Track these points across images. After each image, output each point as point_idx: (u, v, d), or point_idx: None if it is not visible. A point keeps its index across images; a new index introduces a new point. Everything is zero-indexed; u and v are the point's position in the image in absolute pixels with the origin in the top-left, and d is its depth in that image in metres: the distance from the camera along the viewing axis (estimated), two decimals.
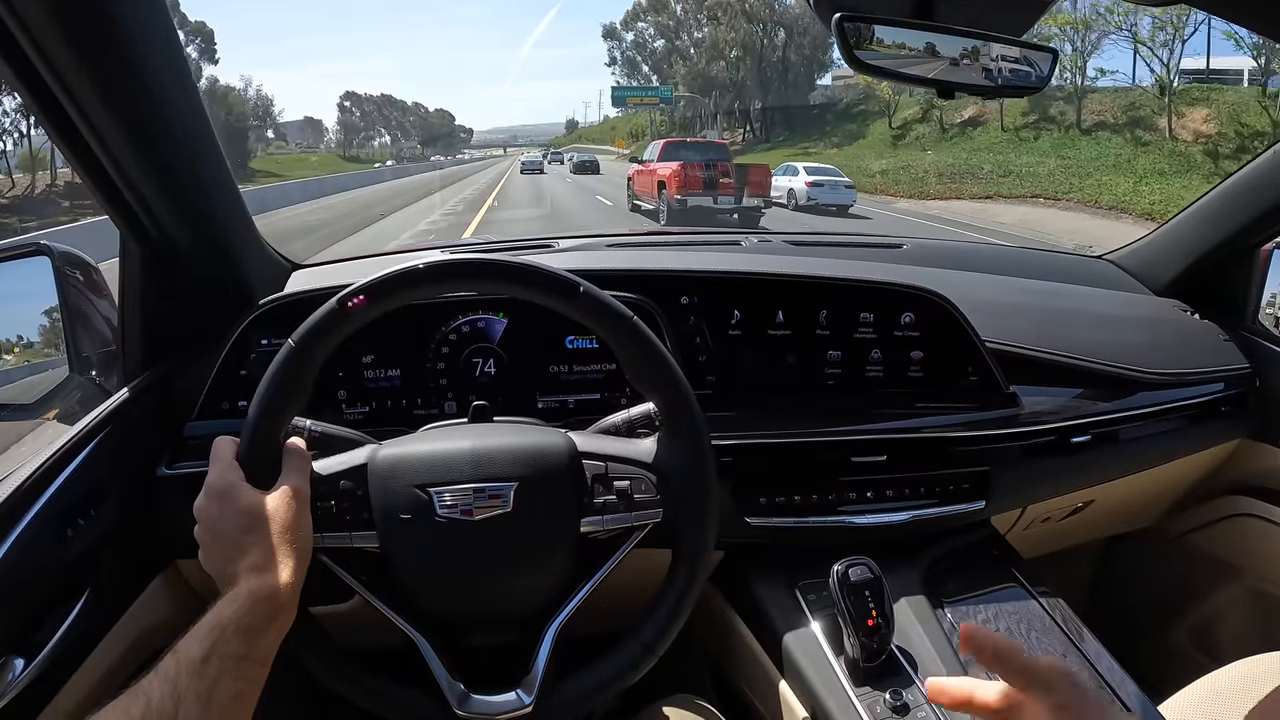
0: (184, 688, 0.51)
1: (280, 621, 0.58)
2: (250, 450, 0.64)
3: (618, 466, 0.69)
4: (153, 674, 0.52)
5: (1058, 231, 13.76)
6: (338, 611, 0.80)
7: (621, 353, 0.70)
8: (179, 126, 0.79)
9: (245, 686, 0.54)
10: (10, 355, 1.11)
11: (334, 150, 78.74)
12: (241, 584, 0.58)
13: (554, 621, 0.69)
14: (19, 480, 0.72)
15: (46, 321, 1.09)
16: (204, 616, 0.56)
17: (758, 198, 13.14)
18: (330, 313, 0.65)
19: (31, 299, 1.03)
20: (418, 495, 0.66)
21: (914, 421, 1.03)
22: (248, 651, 0.55)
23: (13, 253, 1.01)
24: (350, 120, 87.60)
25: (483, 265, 0.69)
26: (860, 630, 0.79)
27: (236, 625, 0.55)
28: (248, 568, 0.58)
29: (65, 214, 23.37)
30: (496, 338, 0.98)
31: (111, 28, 0.66)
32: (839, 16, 0.71)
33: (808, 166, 18.02)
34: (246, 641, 0.55)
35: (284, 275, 1.11)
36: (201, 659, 0.52)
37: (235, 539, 0.60)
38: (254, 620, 0.56)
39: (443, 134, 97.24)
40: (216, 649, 0.53)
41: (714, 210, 12.57)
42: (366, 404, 0.96)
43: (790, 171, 17.47)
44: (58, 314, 1.00)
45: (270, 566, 0.59)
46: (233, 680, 0.53)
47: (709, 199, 12.63)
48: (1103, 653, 0.88)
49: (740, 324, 1.02)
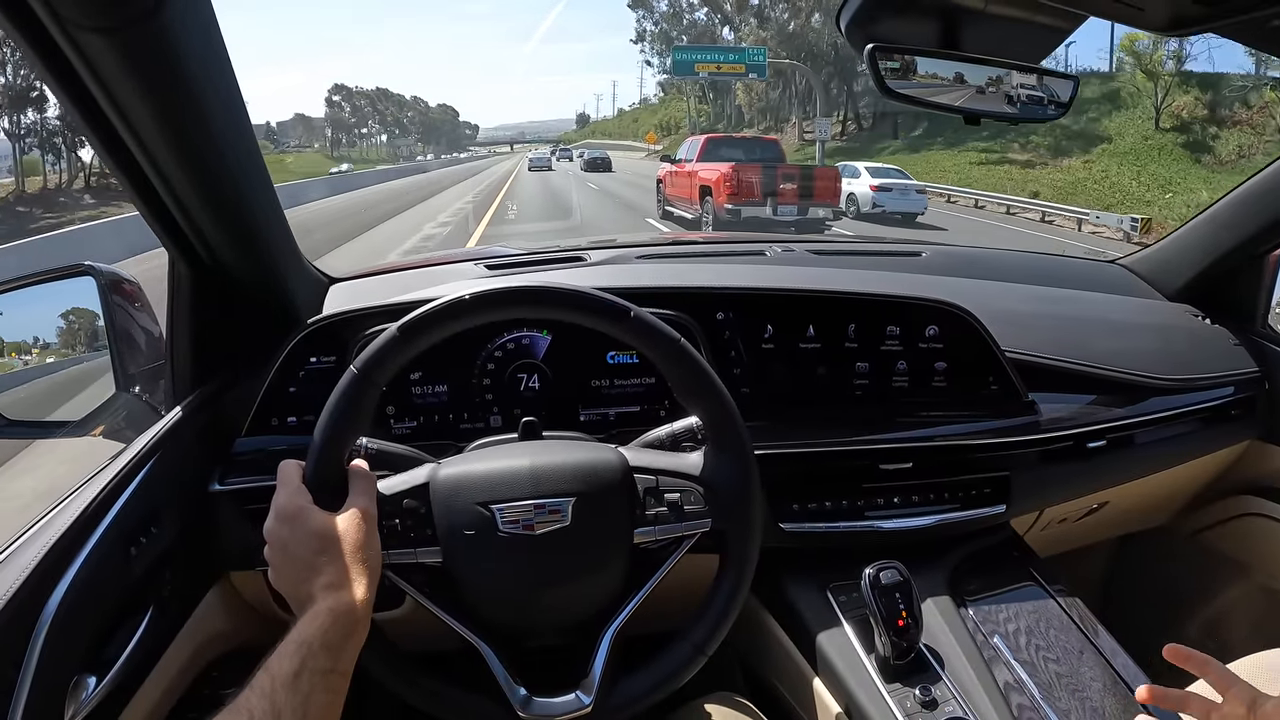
0: (281, 703, 0.54)
1: (358, 636, 0.61)
2: (317, 473, 0.67)
3: (668, 480, 0.73)
4: (248, 690, 0.55)
5: None
6: (390, 618, 0.84)
7: (669, 372, 0.73)
8: (231, 156, 0.80)
9: (333, 698, 0.58)
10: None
11: (321, 150, 74.02)
12: (320, 602, 0.60)
13: (610, 626, 0.72)
14: (83, 503, 0.74)
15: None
16: (289, 634, 0.59)
17: (824, 206, 11.09)
18: (391, 340, 0.68)
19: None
20: (480, 512, 0.69)
21: (938, 430, 1.06)
22: (334, 665, 0.58)
23: (60, 274, 1.04)
24: (339, 116, 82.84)
25: (539, 293, 0.72)
26: (891, 630, 0.83)
27: (321, 641, 0.58)
28: (324, 586, 0.61)
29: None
30: (541, 354, 1.01)
31: (175, 68, 0.67)
32: (871, 47, 0.74)
33: (871, 167, 15.49)
34: (331, 656, 0.58)
35: (323, 291, 1.13)
36: (294, 674, 0.55)
37: (309, 560, 0.63)
38: (336, 636, 0.59)
39: (445, 130, 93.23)
40: (306, 664, 0.56)
41: (771, 222, 10.56)
42: (415, 419, 0.99)
43: (850, 173, 14.40)
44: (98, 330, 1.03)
45: (345, 584, 0.61)
46: (323, 693, 0.56)
47: (766, 208, 10.54)
48: (1117, 649, 0.91)
49: (773, 338, 1.05)
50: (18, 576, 0.64)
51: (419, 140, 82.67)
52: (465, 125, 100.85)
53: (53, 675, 0.64)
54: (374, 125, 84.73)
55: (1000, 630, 0.92)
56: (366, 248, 12.13)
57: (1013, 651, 0.89)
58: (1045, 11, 0.78)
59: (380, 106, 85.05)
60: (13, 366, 1.12)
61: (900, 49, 0.75)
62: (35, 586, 0.65)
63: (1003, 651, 0.89)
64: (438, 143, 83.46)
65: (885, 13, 0.75)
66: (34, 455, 2.58)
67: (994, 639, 0.91)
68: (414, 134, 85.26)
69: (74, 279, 1.01)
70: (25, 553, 0.67)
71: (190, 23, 0.65)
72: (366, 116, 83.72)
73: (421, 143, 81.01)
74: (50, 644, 0.63)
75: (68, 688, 0.66)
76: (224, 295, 0.92)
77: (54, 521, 0.71)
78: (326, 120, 79.97)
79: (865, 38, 0.75)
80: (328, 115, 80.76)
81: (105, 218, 16.50)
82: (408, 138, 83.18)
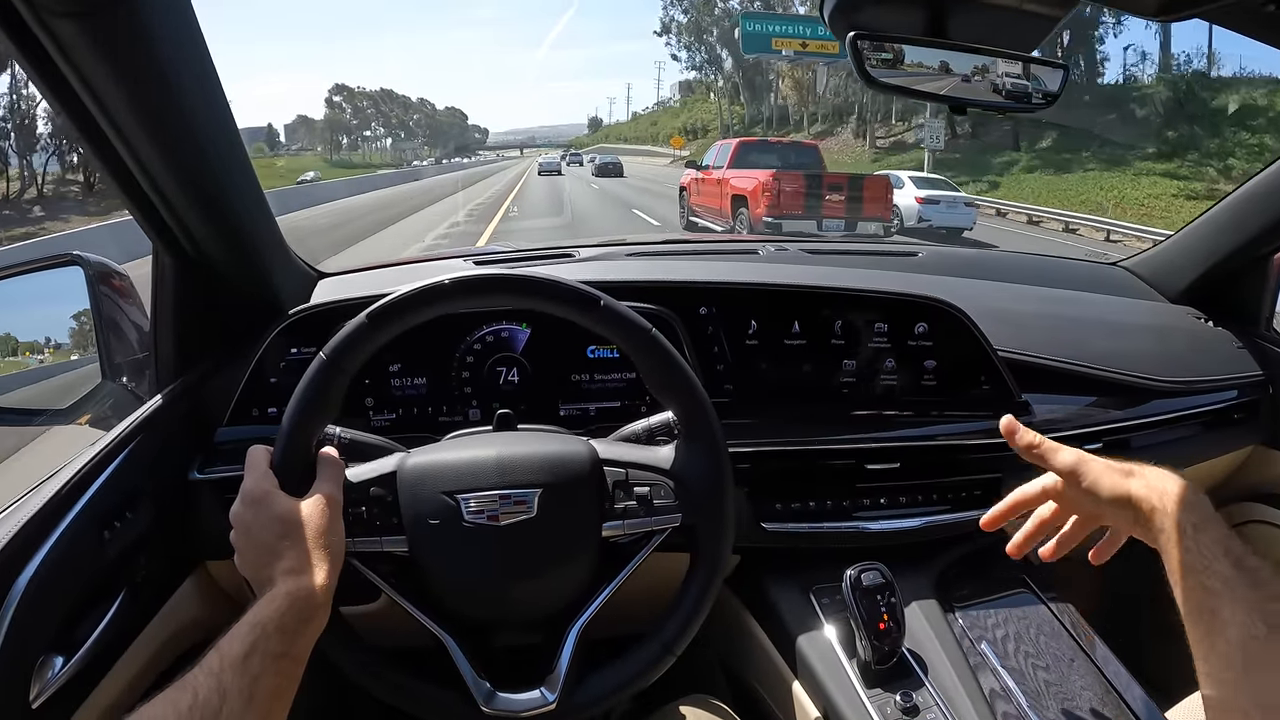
0: (228, 683, 0.53)
1: (316, 622, 0.61)
2: (284, 459, 0.67)
3: (638, 473, 0.72)
4: (197, 669, 0.54)
5: None
6: (365, 612, 0.83)
7: (641, 363, 0.72)
8: (212, 146, 0.81)
9: (284, 683, 0.57)
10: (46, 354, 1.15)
11: (323, 154, 71.42)
12: (279, 585, 0.60)
13: (576, 622, 0.71)
14: (59, 484, 0.74)
15: (75, 325, 1.13)
16: (244, 615, 0.58)
17: (875, 220, 9.86)
18: (359, 327, 0.67)
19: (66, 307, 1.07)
20: (446, 501, 0.68)
21: (927, 430, 1.04)
22: (287, 649, 0.57)
23: (47, 263, 1.04)
24: (339, 118, 79.80)
25: (507, 280, 0.71)
26: (872, 633, 0.81)
27: (276, 624, 0.57)
28: (284, 571, 0.61)
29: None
30: (520, 347, 1.01)
31: (148, 52, 0.67)
32: (853, 35, 0.73)
33: (917, 178, 13.82)
34: (285, 640, 0.57)
35: (311, 284, 1.13)
36: (244, 656, 0.54)
37: (271, 544, 0.62)
38: (291, 620, 0.58)
39: (453, 134, 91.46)
40: (258, 647, 0.55)
41: (818, 237, 8.64)
42: (393, 411, 0.99)
43: (894, 184, 12.06)
44: (86, 319, 1.04)
45: (305, 569, 0.61)
46: (273, 677, 0.55)
47: (811, 222, 9.36)
48: (1110, 657, 0.89)
49: (758, 334, 1.04)
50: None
51: (426, 143, 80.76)
52: (475, 129, 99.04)
53: (19, 652, 0.64)
54: (377, 127, 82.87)
55: (988, 636, 0.90)
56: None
57: (1000, 658, 0.87)
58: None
59: (384, 108, 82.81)
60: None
61: (884, 37, 0.74)
62: (5, 564, 0.65)
63: (990, 658, 0.87)
64: (444, 146, 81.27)
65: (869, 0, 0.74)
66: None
67: (981, 645, 0.89)
68: (420, 137, 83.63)
69: (61, 269, 1.02)
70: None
71: (162, 6, 0.65)
72: (369, 119, 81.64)
73: (429, 146, 79.01)
74: (17, 622, 0.63)
75: (34, 666, 0.66)
76: (208, 286, 0.93)
77: (28, 502, 0.72)
78: (325, 122, 77.93)
79: (848, 26, 0.73)
80: (326, 117, 78.74)
81: (50, 234, 15.82)
82: (414, 141, 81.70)
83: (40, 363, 1.14)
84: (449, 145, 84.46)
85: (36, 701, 0.65)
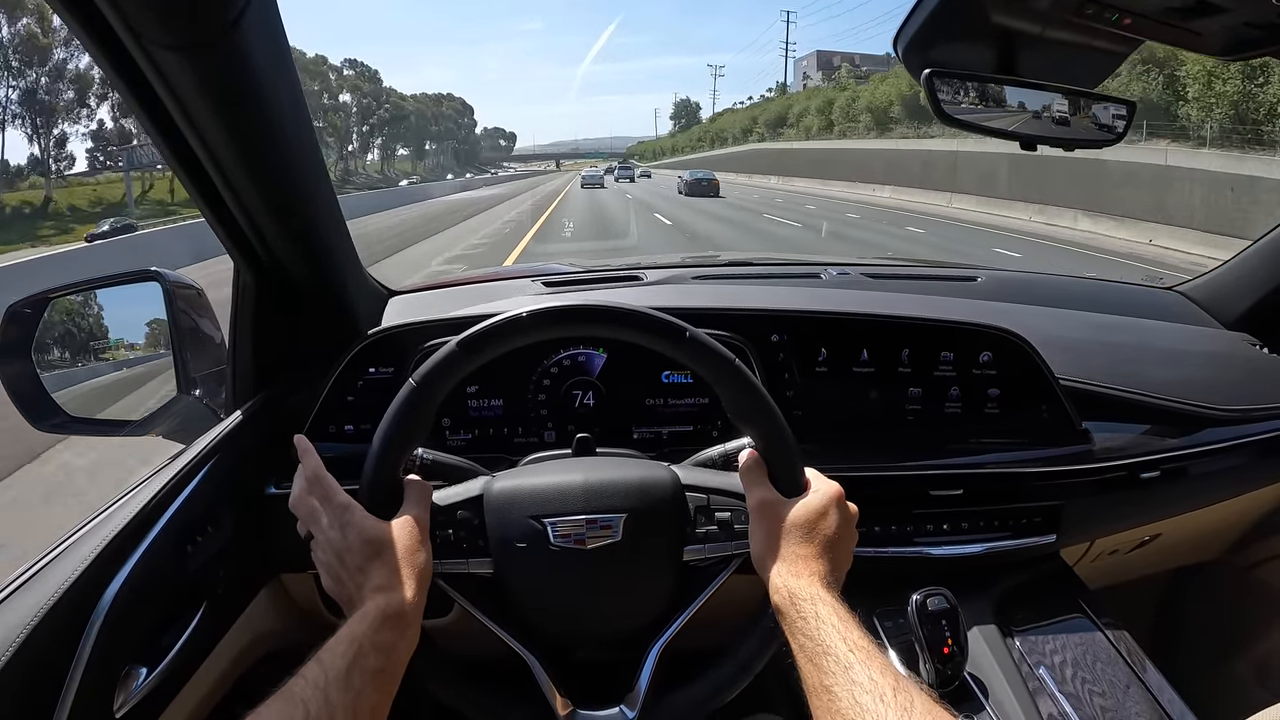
0: (335, 699, 0.54)
1: (408, 639, 0.63)
2: (374, 481, 0.69)
3: (719, 499, 0.73)
4: (300, 679, 0.55)
5: None
6: (436, 625, 0.85)
7: (723, 392, 0.73)
8: (299, 171, 0.83)
9: (383, 699, 0.59)
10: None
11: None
12: (370, 603, 0.62)
13: (657, 642, 0.73)
14: (144, 499, 0.76)
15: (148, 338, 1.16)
16: (340, 631, 0.60)
17: None
18: (451, 354, 0.69)
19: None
20: (533, 525, 0.70)
21: (990, 456, 1.05)
22: (384, 665, 0.59)
23: (128, 278, 1.08)
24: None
25: (598, 311, 0.73)
26: (936, 657, 0.82)
27: (372, 641, 0.59)
28: (373, 588, 0.63)
29: None
30: (596, 371, 1.03)
31: (247, 85, 0.69)
32: (929, 72, 0.75)
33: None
34: (381, 656, 0.59)
35: (383, 302, 1.16)
36: (346, 671, 0.56)
37: (360, 565, 0.64)
38: (385, 636, 0.60)
39: (444, 134, 73.74)
40: (358, 662, 0.57)
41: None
42: (470, 431, 1.01)
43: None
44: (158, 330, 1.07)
45: (396, 587, 0.63)
46: (373, 693, 0.57)
47: None
48: (1164, 685, 0.89)
49: (826, 361, 1.05)
50: (76, 568, 0.66)
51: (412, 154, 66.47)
52: (500, 133, 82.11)
53: (105, 665, 0.66)
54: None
55: (1046, 661, 0.90)
56: None
57: (1058, 683, 0.87)
58: (1102, 36, 0.77)
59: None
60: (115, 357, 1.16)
61: (957, 74, 0.76)
62: (92, 578, 0.67)
63: (1048, 683, 0.87)
64: (439, 153, 65.84)
65: (942, 38, 0.75)
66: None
67: (1039, 670, 0.89)
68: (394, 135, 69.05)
69: (141, 284, 1.06)
70: (84, 545, 0.69)
71: (263, 42, 0.67)
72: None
73: (415, 158, 64.26)
74: (104, 635, 0.66)
75: (119, 677, 0.68)
76: (287, 304, 0.95)
77: (113, 516, 0.74)
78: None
79: (923, 63, 0.75)
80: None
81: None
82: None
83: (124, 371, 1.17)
84: (445, 151, 68.98)
85: (120, 710, 0.67)
